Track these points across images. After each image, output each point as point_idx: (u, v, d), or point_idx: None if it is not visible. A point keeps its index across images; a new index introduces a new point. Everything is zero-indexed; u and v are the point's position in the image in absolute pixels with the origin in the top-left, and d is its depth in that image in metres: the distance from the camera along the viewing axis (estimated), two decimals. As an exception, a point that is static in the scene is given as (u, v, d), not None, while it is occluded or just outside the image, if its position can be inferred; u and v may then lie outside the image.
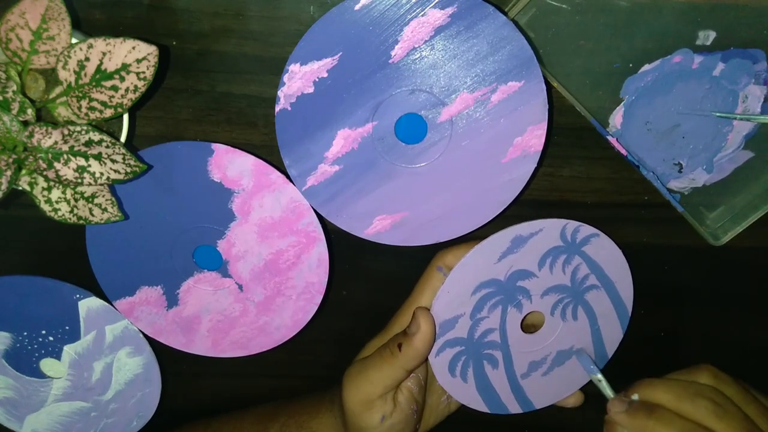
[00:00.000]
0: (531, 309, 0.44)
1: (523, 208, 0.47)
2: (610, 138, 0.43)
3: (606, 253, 0.43)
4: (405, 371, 0.41)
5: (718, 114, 0.43)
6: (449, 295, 0.42)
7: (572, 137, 0.45)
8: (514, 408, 0.47)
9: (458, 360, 0.44)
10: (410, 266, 0.47)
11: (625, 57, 0.42)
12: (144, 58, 0.35)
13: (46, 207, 0.37)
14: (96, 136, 0.35)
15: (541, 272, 0.43)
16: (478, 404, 0.46)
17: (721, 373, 0.42)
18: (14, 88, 0.35)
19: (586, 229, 0.42)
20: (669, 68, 0.42)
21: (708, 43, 0.41)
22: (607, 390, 0.44)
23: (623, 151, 0.43)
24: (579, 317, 0.45)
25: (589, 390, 0.48)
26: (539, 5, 0.40)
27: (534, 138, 0.41)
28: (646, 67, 0.42)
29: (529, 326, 0.45)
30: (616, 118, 0.44)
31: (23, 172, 0.36)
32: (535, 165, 0.42)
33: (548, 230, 0.42)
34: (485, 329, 0.43)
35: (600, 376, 0.44)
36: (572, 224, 0.42)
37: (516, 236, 0.41)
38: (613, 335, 0.47)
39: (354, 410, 0.42)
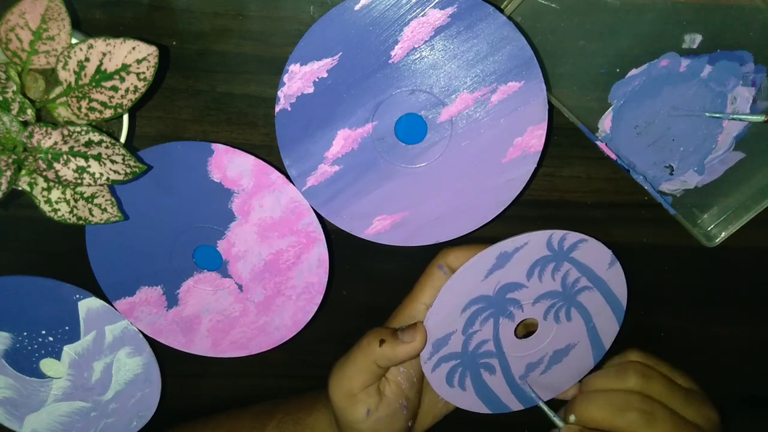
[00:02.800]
0: (523, 317, 0.44)
1: (523, 208, 0.47)
2: (598, 143, 0.43)
3: (595, 255, 0.43)
4: (378, 367, 0.41)
5: (708, 114, 0.43)
6: (438, 316, 0.41)
7: (572, 137, 0.45)
8: (515, 406, 0.47)
9: (455, 372, 0.44)
10: (410, 266, 0.47)
11: (611, 62, 0.42)
12: (144, 59, 0.35)
13: (46, 207, 0.37)
14: (96, 137, 0.35)
15: (530, 282, 0.42)
16: (479, 407, 0.46)
17: (645, 367, 0.44)
18: (14, 88, 0.35)
19: (573, 236, 0.42)
20: (656, 72, 0.42)
21: (694, 46, 0.41)
22: (552, 416, 0.45)
23: (612, 156, 0.43)
24: (573, 318, 0.45)
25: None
26: (529, 5, 0.40)
27: (534, 138, 0.41)
28: (634, 71, 0.42)
29: (523, 326, 0.46)
30: (605, 123, 0.44)
31: (23, 172, 0.36)
32: (535, 165, 0.42)
33: (534, 243, 0.41)
34: (479, 341, 0.43)
35: (542, 405, 0.46)
36: (558, 233, 0.41)
37: (501, 253, 0.41)
38: (609, 330, 0.47)
39: (339, 406, 0.42)
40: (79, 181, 0.35)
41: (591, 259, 0.43)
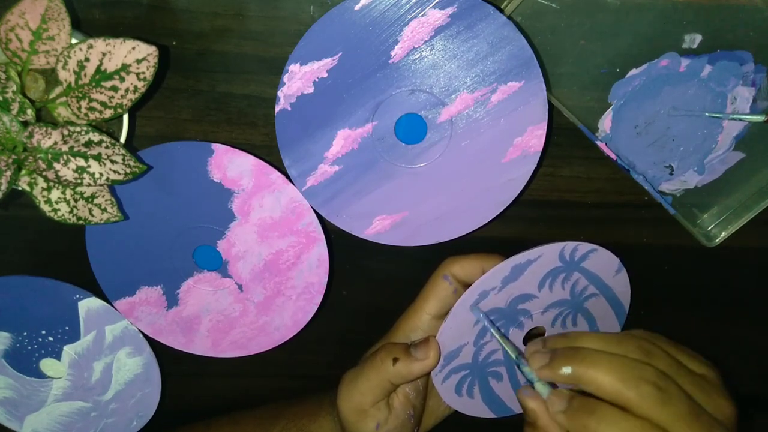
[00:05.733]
0: (532, 326, 0.44)
1: (523, 208, 0.47)
2: (598, 143, 0.43)
3: (604, 263, 0.43)
4: (391, 384, 0.41)
5: (708, 114, 0.43)
6: (452, 330, 0.41)
7: (572, 137, 0.45)
8: (519, 409, 0.47)
9: (464, 382, 0.44)
10: (410, 266, 0.47)
11: (611, 62, 0.42)
12: (144, 59, 0.35)
13: (46, 207, 0.37)
14: (96, 137, 0.35)
15: (541, 293, 0.42)
16: (485, 413, 0.46)
17: (647, 342, 0.37)
18: (14, 88, 0.35)
19: (584, 247, 0.42)
20: (656, 72, 0.42)
21: (694, 46, 0.41)
22: (517, 360, 0.37)
23: (612, 156, 0.43)
24: (579, 324, 0.45)
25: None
26: (529, 5, 0.40)
27: (534, 138, 0.41)
28: (634, 71, 0.42)
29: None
30: (605, 123, 0.44)
31: (23, 172, 0.36)
32: (535, 165, 0.42)
33: (547, 255, 0.41)
34: (489, 351, 0.43)
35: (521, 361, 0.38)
36: (570, 245, 0.41)
37: (515, 265, 0.40)
38: (611, 330, 0.47)
39: (349, 419, 0.42)
40: (79, 181, 0.35)
41: (599, 268, 0.43)
